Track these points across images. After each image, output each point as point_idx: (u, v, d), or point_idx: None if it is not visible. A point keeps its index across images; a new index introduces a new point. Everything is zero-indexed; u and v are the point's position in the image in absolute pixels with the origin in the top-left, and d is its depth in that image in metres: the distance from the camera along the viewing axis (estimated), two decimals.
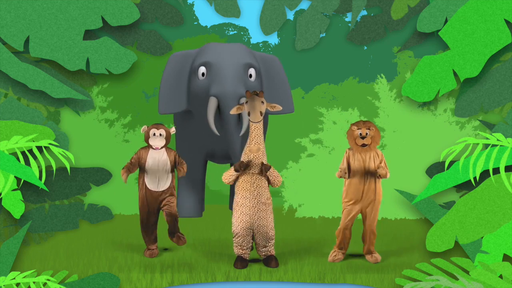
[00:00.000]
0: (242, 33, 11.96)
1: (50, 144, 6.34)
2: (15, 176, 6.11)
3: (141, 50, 7.91)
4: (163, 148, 6.65)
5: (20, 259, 6.29)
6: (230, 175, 6.25)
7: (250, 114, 6.18)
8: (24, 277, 5.43)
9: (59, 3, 6.96)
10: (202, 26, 11.64)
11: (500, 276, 5.44)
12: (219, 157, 8.55)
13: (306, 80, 11.36)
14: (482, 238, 5.86)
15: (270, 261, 6.29)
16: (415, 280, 5.65)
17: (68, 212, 7.30)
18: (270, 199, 6.31)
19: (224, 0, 8.08)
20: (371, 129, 6.38)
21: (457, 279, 5.47)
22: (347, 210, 6.44)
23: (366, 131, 6.35)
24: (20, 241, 5.96)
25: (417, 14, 7.54)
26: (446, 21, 7.07)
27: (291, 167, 8.84)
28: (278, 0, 8.16)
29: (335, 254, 6.53)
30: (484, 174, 5.95)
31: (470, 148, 5.92)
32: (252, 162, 6.20)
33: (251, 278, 6.03)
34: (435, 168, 7.55)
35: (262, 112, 6.19)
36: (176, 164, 6.70)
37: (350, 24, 8.39)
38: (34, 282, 5.42)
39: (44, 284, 5.43)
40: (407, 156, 8.30)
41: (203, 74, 7.93)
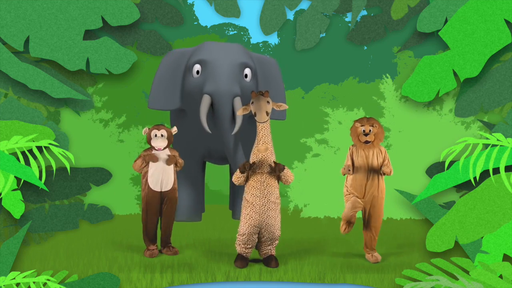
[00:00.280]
0: (242, 33, 11.95)
1: (50, 144, 6.34)
2: (15, 176, 6.11)
3: (141, 50, 7.91)
4: (165, 149, 6.68)
5: (20, 259, 6.28)
6: (238, 177, 6.27)
7: (256, 114, 6.19)
8: (24, 277, 5.43)
9: (59, 3, 6.96)
10: (202, 26, 11.63)
11: (500, 276, 5.44)
12: (216, 157, 8.36)
13: (306, 80, 11.35)
14: (482, 238, 5.86)
15: (270, 261, 6.29)
16: (415, 280, 5.65)
17: (68, 212, 7.30)
18: (279, 198, 6.33)
19: (224, 0, 8.07)
20: (375, 126, 6.39)
21: (457, 279, 5.47)
22: (351, 201, 6.41)
23: (370, 128, 6.37)
24: (20, 241, 5.96)
25: (417, 14, 7.54)
26: (446, 21, 7.07)
27: (296, 167, 8.83)
28: (278, 0, 8.16)
29: (344, 226, 6.48)
30: (484, 174, 5.95)
31: (470, 148, 5.92)
32: (261, 161, 6.22)
33: (251, 278, 6.03)
34: (435, 168, 7.55)
35: (268, 112, 6.20)
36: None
37: (350, 24, 8.39)
38: (34, 282, 5.42)
39: (44, 284, 5.43)
40: (413, 156, 8.28)
41: (197, 72, 7.79)
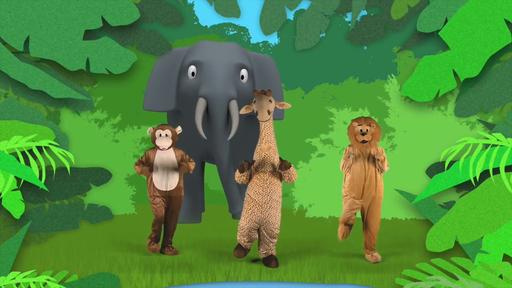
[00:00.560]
0: (242, 33, 11.96)
1: (50, 144, 6.34)
2: (15, 176, 6.11)
3: (141, 50, 7.89)
4: (170, 148, 6.73)
5: (20, 259, 6.28)
6: (238, 176, 6.28)
7: (258, 113, 6.21)
8: (24, 277, 5.43)
9: (59, 3, 6.96)
10: (202, 26, 11.65)
11: (500, 276, 5.44)
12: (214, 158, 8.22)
13: (306, 80, 11.37)
14: (482, 238, 5.86)
15: (270, 261, 6.29)
16: (415, 280, 5.65)
17: (68, 212, 7.29)
18: (281, 197, 6.35)
19: (224, 0, 8.06)
20: (372, 125, 6.37)
21: (457, 279, 5.47)
22: (348, 203, 6.42)
23: (367, 127, 6.35)
24: (20, 241, 5.96)
25: (417, 14, 7.52)
26: (446, 21, 7.07)
27: (301, 167, 8.83)
28: (278, 0, 8.14)
29: (342, 229, 6.49)
30: (484, 174, 5.95)
31: (470, 148, 5.92)
32: (264, 160, 6.23)
33: (251, 278, 6.03)
34: (435, 168, 7.53)
35: (270, 111, 6.21)
36: (183, 162, 6.75)
37: (350, 24, 8.37)
38: (34, 282, 5.42)
39: (44, 284, 5.43)
40: (418, 156, 8.27)
41: (193, 74, 7.75)
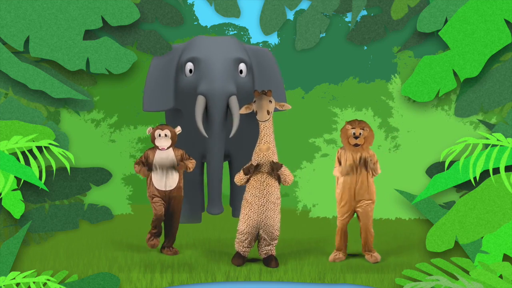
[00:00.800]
0: (242, 33, 11.96)
1: (50, 144, 6.34)
2: (15, 176, 6.11)
3: (141, 50, 7.88)
4: (169, 148, 6.73)
5: (20, 259, 6.28)
6: (241, 178, 6.27)
7: (257, 113, 6.20)
8: (24, 277, 5.42)
9: (59, 3, 6.96)
10: (202, 26, 11.64)
11: (500, 276, 5.44)
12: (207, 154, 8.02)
13: (306, 80, 11.37)
14: (482, 238, 5.86)
15: (270, 261, 6.29)
16: (415, 280, 5.65)
17: (68, 212, 7.29)
18: (279, 199, 6.32)
19: (224, 0, 8.05)
20: (365, 129, 6.34)
21: (457, 279, 5.47)
22: (340, 211, 6.46)
23: (360, 131, 6.32)
24: (20, 241, 5.96)
25: (417, 14, 7.52)
26: (446, 21, 7.06)
27: (305, 167, 8.83)
28: (278, 0, 8.13)
29: (336, 254, 6.53)
30: (484, 174, 5.95)
31: (470, 148, 5.92)
32: (262, 161, 6.21)
33: (251, 278, 6.03)
34: (435, 168, 7.53)
35: (270, 111, 6.20)
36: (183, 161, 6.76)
37: (350, 24, 8.37)
38: (34, 282, 5.41)
39: (44, 284, 5.43)
40: (421, 156, 8.25)
41: (190, 71, 7.69)
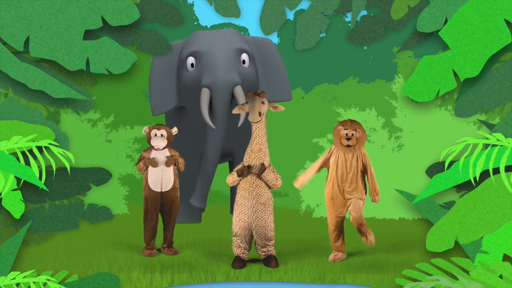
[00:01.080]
0: (242, 33, 11.95)
1: (50, 144, 6.34)
2: (15, 176, 6.11)
3: (141, 50, 7.88)
4: (165, 149, 6.68)
5: (20, 259, 6.28)
6: (234, 179, 6.25)
7: (249, 114, 6.14)
8: (24, 277, 5.43)
9: (59, 3, 6.96)
10: (202, 26, 11.63)
11: (500, 276, 5.44)
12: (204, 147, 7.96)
13: (306, 80, 11.37)
14: (482, 238, 5.86)
15: (270, 261, 6.29)
16: (415, 280, 5.65)
17: (68, 212, 7.29)
18: (271, 199, 6.29)
19: (224, 0, 8.05)
20: (358, 130, 6.33)
21: (457, 279, 5.47)
22: (329, 212, 6.47)
23: (352, 132, 6.31)
24: (20, 241, 5.96)
25: (417, 14, 7.52)
26: (446, 21, 7.07)
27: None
28: (278, 0, 8.14)
29: (335, 254, 6.53)
30: (484, 174, 5.95)
31: (470, 148, 5.92)
32: (254, 162, 6.19)
33: (251, 278, 6.03)
34: (435, 168, 7.53)
35: (262, 112, 6.13)
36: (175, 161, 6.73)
37: (350, 24, 8.37)
38: (34, 282, 5.41)
39: (44, 284, 5.43)
40: (425, 156, 8.24)
41: (192, 65, 7.69)
